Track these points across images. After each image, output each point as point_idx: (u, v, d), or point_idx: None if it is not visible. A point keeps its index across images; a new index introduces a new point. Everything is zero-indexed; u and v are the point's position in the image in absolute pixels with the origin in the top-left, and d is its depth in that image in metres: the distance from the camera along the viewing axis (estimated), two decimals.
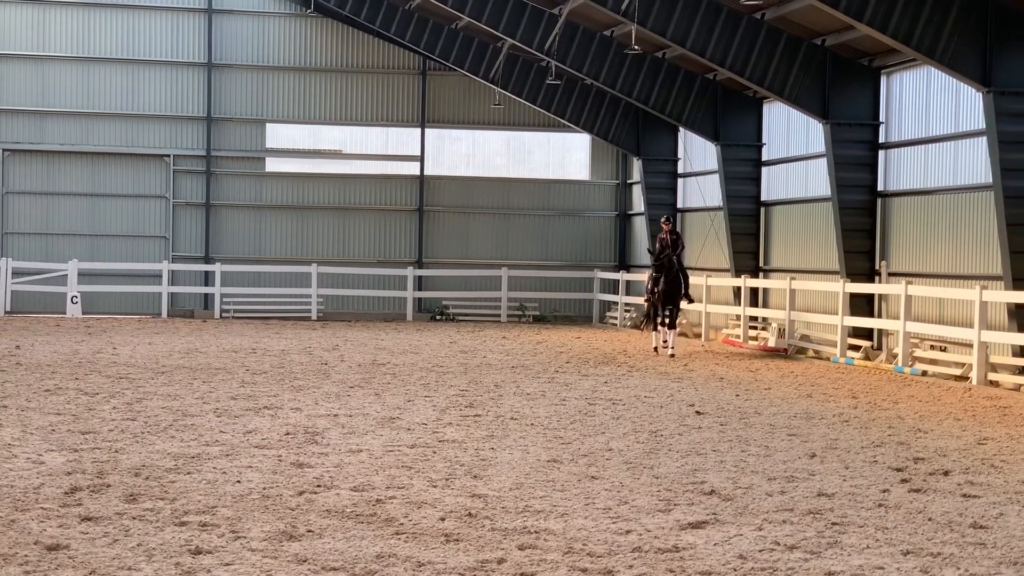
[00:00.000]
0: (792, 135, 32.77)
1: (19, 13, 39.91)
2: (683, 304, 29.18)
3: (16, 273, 38.93)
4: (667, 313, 28.01)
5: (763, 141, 34.27)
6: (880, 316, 27.89)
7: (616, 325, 39.76)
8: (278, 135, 41.78)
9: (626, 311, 39.62)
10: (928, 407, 18.85)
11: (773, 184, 33.99)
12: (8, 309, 38.46)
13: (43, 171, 40.10)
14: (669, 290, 27.85)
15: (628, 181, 42.82)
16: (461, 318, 40.98)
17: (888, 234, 28.43)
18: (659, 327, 28.28)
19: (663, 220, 29.18)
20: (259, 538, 9.38)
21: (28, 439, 14.04)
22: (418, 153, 42.08)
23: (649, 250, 29.29)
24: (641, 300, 37.97)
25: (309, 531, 9.65)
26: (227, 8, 40.90)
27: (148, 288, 39.75)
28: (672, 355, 27.35)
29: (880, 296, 27.98)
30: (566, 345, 30.94)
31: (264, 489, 11.31)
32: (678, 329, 29.04)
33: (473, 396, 19.18)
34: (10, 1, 39.77)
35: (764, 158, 34.24)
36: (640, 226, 41.07)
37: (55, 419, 15.72)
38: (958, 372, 23.28)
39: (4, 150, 39.80)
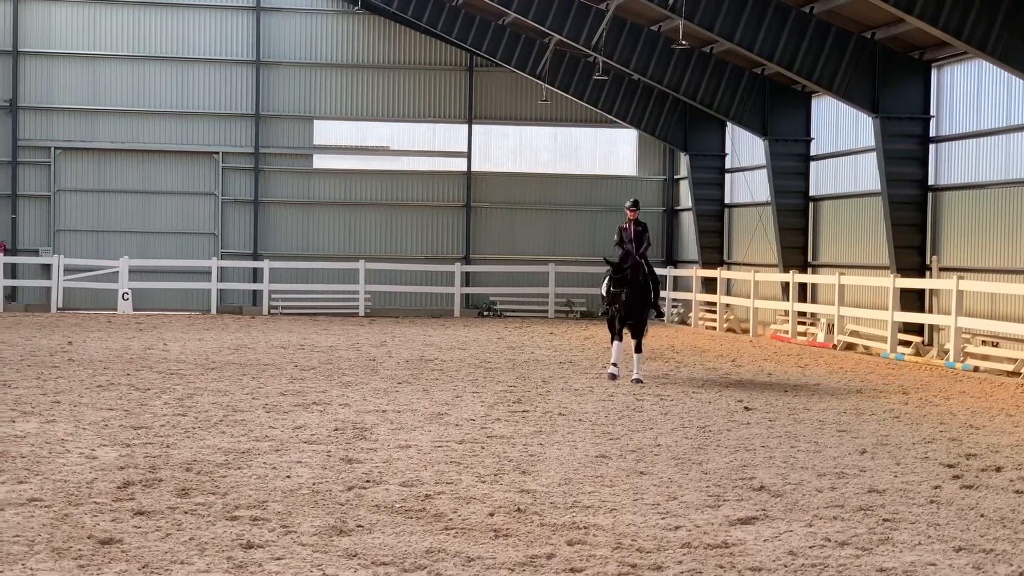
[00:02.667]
0: (841, 129, 32.54)
1: (71, 13, 40.24)
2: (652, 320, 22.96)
3: (68, 270, 39.27)
4: (629, 330, 21.46)
5: (812, 136, 34.07)
6: (931, 311, 27.66)
7: (663, 321, 39.60)
8: (326, 132, 41.92)
9: (674, 307, 39.49)
10: (980, 403, 18.68)
11: (821, 179, 33.79)
12: (60, 306, 38.81)
13: (94, 169, 40.43)
14: (634, 299, 21.18)
15: (675, 176, 42.69)
16: (508, 314, 40.99)
17: (939, 229, 28.17)
18: (618, 340, 21.56)
19: (628, 206, 22.83)
20: (309, 533, 9.41)
21: (81, 434, 14.15)
22: (465, 149, 42.12)
23: (609, 261, 21.68)
24: (687, 295, 38.01)
25: (359, 526, 9.66)
26: (275, 6, 41.07)
27: (198, 284, 40.02)
28: (638, 380, 20.62)
29: (931, 291, 27.77)
30: None
31: (314, 484, 11.35)
32: (644, 353, 21.88)
33: (521, 392, 19.17)
34: (66, 3, 40.10)
35: (812, 153, 34.05)
36: (688, 221, 40.92)
37: (107, 414, 15.82)
38: (1011, 368, 23.05)
39: (56, 148, 40.14)
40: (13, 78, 39.85)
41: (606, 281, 21.73)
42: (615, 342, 21.51)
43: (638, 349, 21.15)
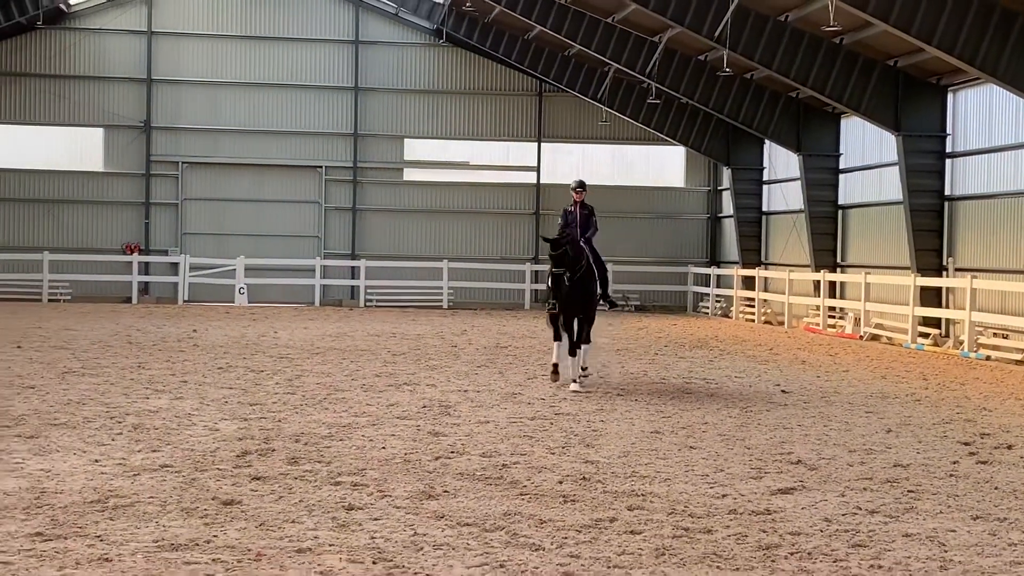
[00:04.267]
0: (867, 146, 32.23)
1: (196, 46, 40.66)
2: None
3: (192, 268, 39.68)
4: (576, 327, 17.24)
5: (841, 151, 33.76)
6: (948, 307, 27.27)
7: (708, 314, 39.38)
8: (414, 149, 42.05)
9: (716, 302, 39.25)
10: (992, 388, 18.37)
11: (849, 189, 33.46)
12: (186, 299, 39.23)
13: (215, 180, 40.81)
14: (575, 292, 16.72)
15: (718, 187, 42.39)
16: None
17: (955, 234, 27.83)
18: (558, 341, 17.37)
19: (573, 187, 17.75)
20: (402, 497, 9.42)
21: (205, 410, 14.28)
22: (535, 164, 42.06)
23: (546, 238, 17.32)
24: (729, 292, 37.74)
25: (445, 491, 9.66)
26: (372, 39, 41.25)
27: (303, 281, 40.29)
28: (582, 378, 16.93)
29: (947, 289, 27.39)
30: (664, 331, 30.72)
31: (405, 455, 11.36)
32: (590, 344, 17.45)
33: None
34: (189, 36, 40.54)
35: (841, 167, 33.75)
36: (729, 227, 40.63)
37: (227, 392, 15.95)
38: (1019, 357, 22.66)
39: (183, 163, 40.57)
40: (147, 102, 40.33)
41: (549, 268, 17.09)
42: (556, 342, 17.33)
43: (581, 341, 17.04)
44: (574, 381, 16.77)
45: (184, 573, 7.11)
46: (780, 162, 37.20)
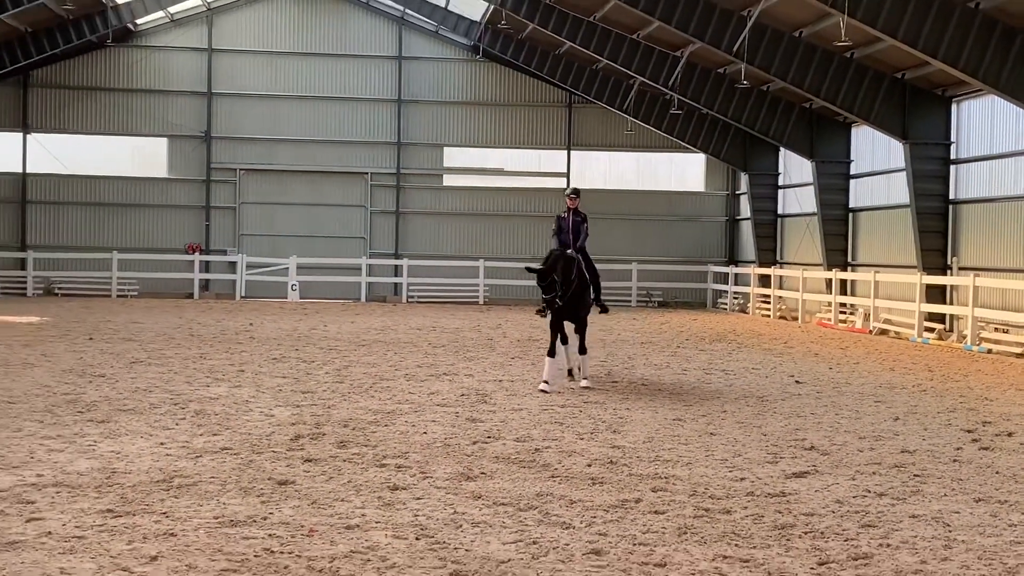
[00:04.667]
0: (876, 153, 31.97)
1: (253, 61, 40.84)
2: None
3: (249, 266, 39.88)
4: (566, 328, 16.08)
5: (851, 158, 33.50)
6: (952, 303, 27.05)
7: (726, 310, 39.22)
8: (453, 157, 42.06)
9: (734, 298, 39.08)
10: (993, 379, 18.20)
11: (860, 193, 33.21)
12: (243, 294, 39.43)
13: (270, 186, 40.98)
14: (570, 302, 15.65)
15: (736, 192, 42.15)
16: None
17: (958, 235, 27.58)
18: (556, 351, 15.86)
19: (567, 193, 16.53)
20: (443, 478, 9.44)
21: (261, 397, 14.35)
22: (564, 171, 41.98)
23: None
24: (746, 289, 37.56)
25: (482, 473, 9.68)
26: (414, 55, 41.31)
27: (351, 278, 40.40)
28: (587, 387, 15.71)
29: (951, 287, 27.16)
30: (685, 326, 30.62)
31: (445, 439, 11.38)
32: (588, 353, 16.31)
33: (611, 366, 19.09)
34: (246, 52, 40.73)
35: (852, 172, 33.49)
36: (746, 229, 40.40)
37: (281, 381, 16.03)
38: (1019, 350, 22.44)
39: (240, 170, 40.77)
40: (207, 114, 40.54)
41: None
42: (548, 358, 15.70)
43: (581, 350, 15.98)
44: (545, 382, 15.27)
45: (243, 547, 7.16)
46: (794, 168, 36.95)
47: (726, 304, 39.68)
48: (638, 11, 28.43)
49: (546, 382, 15.38)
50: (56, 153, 39.93)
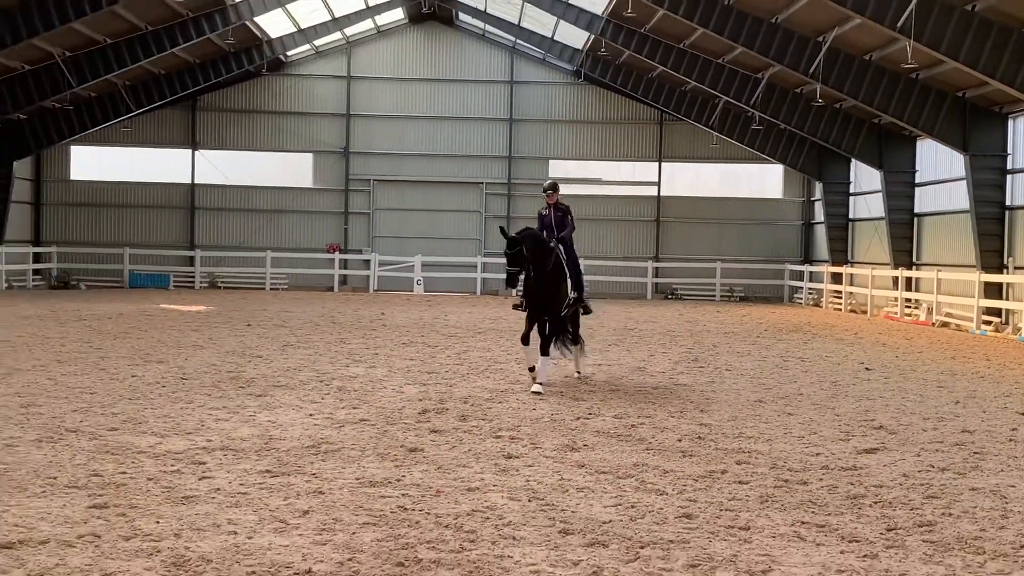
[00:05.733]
0: (939, 164, 31.10)
1: (385, 87, 41.38)
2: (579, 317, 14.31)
3: (380, 264, 40.44)
4: (539, 327, 13.49)
5: (916, 168, 32.63)
6: (1007, 299, 26.17)
7: (801, 304, 38.50)
8: (557, 168, 42.00)
9: (809, 294, 38.34)
10: None
11: (924, 200, 32.32)
12: (375, 288, 40.00)
13: (399, 194, 41.48)
14: (541, 290, 13.32)
15: (811, 198, 41.31)
16: (686, 297, 40.43)
17: (1014, 238, 26.68)
18: (527, 342, 13.54)
19: (546, 188, 14.32)
20: (550, 449, 9.48)
21: (392, 376, 14.55)
22: (656, 180, 41.64)
23: (504, 234, 13.45)
24: (820, 286, 36.81)
25: (585, 445, 9.70)
26: (524, 80, 41.41)
27: (467, 274, 40.67)
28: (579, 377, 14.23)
29: (1007, 284, 26.27)
30: (764, 318, 30.15)
31: (552, 415, 11.42)
32: (581, 345, 14.52)
33: (697, 352, 18.92)
34: (379, 79, 41.28)
35: (917, 181, 32.62)
36: (820, 232, 39.61)
37: (409, 363, 16.22)
38: None
39: (374, 180, 41.34)
40: (347, 133, 41.23)
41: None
42: (524, 346, 13.60)
43: (543, 351, 13.19)
44: (537, 382, 13.06)
45: (380, 504, 7.31)
46: (864, 177, 36.12)
47: (801, 299, 38.95)
48: (724, 38, 28.08)
49: (536, 381, 13.03)
50: (219, 166, 41.05)
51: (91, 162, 41.03)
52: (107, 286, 39.05)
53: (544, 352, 13.26)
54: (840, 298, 35.15)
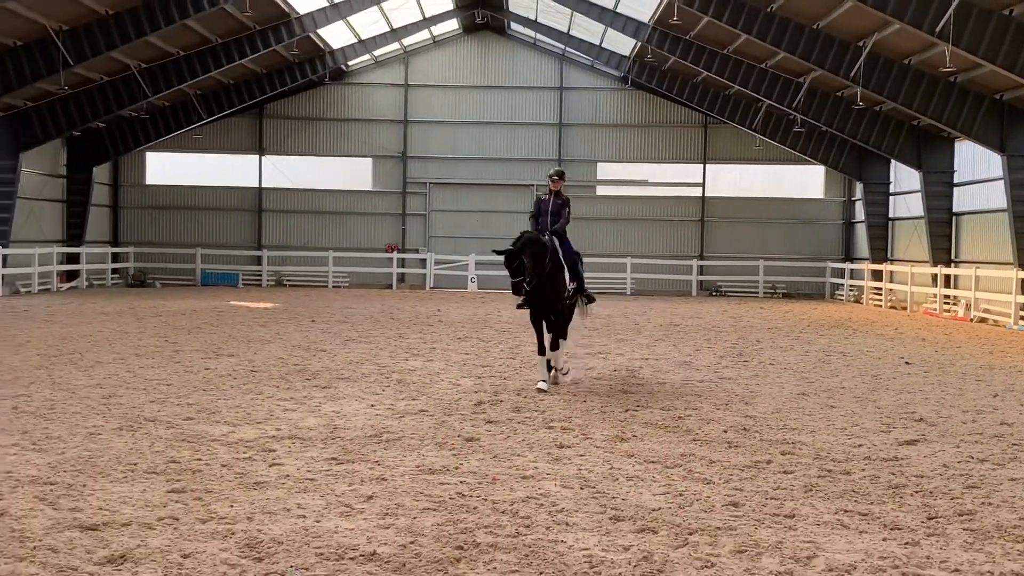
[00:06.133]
0: (977, 164, 30.50)
1: (440, 95, 41.54)
2: (581, 310, 13.64)
3: (436, 262, 40.61)
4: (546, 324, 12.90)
5: (955, 168, 32.04)
6: None
7: (842, 300, 37.99)
8: (604, 170, 41.88)
9: (850, 290, 37.84)
10: None
11: (962, 199, 31.72)
12: (432, 286, 40.18)
13: (453, 196, 41.64)
14: (542, 289, 12.68)
15: (852, 199, 40.74)
16: (730, 294, 40.10)
17: None
18: (544, 351, 12.73)
19: (551, 175, 13.90)
20: (600, 439, 9.48)
21: (449, 369, 14.63)
22: (700, 181, 41.34)
23: (498, 252, 13.10)
24: (861, 283, 36.29)
25: (633, 436, 9.68)
26: (572, 86, 41.33)
27: None
28: (562, 376, 13.15)
29: None
30: (806, 314, 29.80)
31: (602, 406, 11.41)
32: (568, 343, 13.92)
33: (742, 347, 18.77)
34: (435, 87, 41.45)
35: (955, 181, 32.03)
36: (861, 230, 39.06)
37: (465, 356, 16.31)
38: None
39: (430, 183, 41.54)
40: (404, 138, 41.47)
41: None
42: (541, 356, 12.77)
43: (554, 345, 12.87)
44: (543, 381, 12.51)
45: (439, 490, 7.36)
46: (904, 177, 35.54)
47: (842, 295, 38.45)
48: (767, 44, 27.79)
49: (544, 381, 12.51)
50: (284, 171, 41.52)
51: (165, 167, 41.72)
52: (180, 284, 39.70)
53: (555, 347, 12.96)
54: (880, 295, 34.64)
